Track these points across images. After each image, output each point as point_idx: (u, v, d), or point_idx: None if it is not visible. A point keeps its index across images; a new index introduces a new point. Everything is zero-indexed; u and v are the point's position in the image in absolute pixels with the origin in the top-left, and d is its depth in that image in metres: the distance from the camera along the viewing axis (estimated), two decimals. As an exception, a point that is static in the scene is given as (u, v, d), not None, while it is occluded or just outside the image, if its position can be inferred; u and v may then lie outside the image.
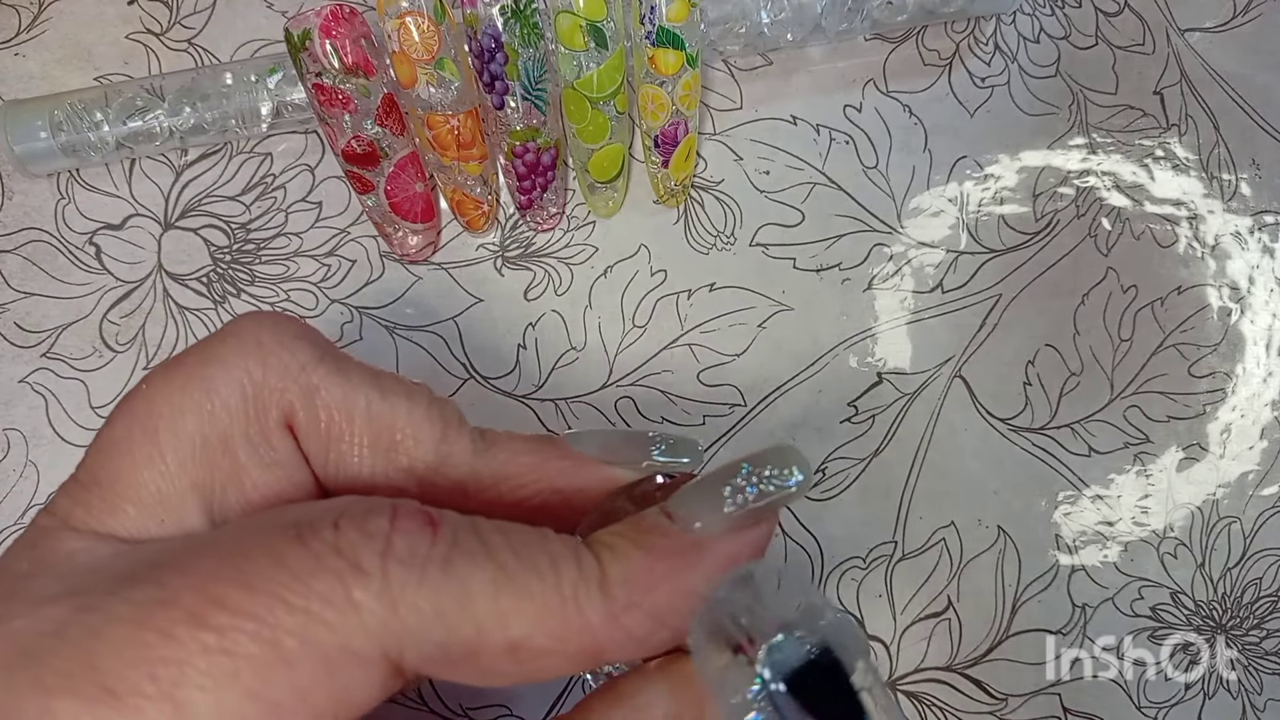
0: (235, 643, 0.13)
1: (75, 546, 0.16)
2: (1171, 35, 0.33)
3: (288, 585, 0.14)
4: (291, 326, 0.18)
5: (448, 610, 0.14)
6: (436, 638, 0.14)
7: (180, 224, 0.31)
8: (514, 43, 0.26)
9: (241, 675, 0.13)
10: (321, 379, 0.18)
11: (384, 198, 0.29)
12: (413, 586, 0.14)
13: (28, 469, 0.30)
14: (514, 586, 0.15)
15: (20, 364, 0.30)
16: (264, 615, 0.13)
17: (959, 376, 0.31)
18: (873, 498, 0.31)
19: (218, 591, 0.14)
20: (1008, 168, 0.32)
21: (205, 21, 0.32)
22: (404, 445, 0.18)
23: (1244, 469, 0.32)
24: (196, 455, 0.17)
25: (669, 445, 0.20)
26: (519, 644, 0.15)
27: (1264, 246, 0.33)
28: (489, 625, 0.14)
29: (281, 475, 0.18)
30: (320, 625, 0.14)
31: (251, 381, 0.17)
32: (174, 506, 0.17)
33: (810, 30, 0.31)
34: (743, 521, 0.16)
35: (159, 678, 0.13)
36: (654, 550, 0.16)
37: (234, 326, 0.18)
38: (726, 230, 0.31)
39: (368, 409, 0.18)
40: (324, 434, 0.18)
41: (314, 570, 0.14)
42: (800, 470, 0.17)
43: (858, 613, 0.30)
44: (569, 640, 0.15)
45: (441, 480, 0.18)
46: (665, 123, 0.29)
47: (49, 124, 0.29)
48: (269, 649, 0.13)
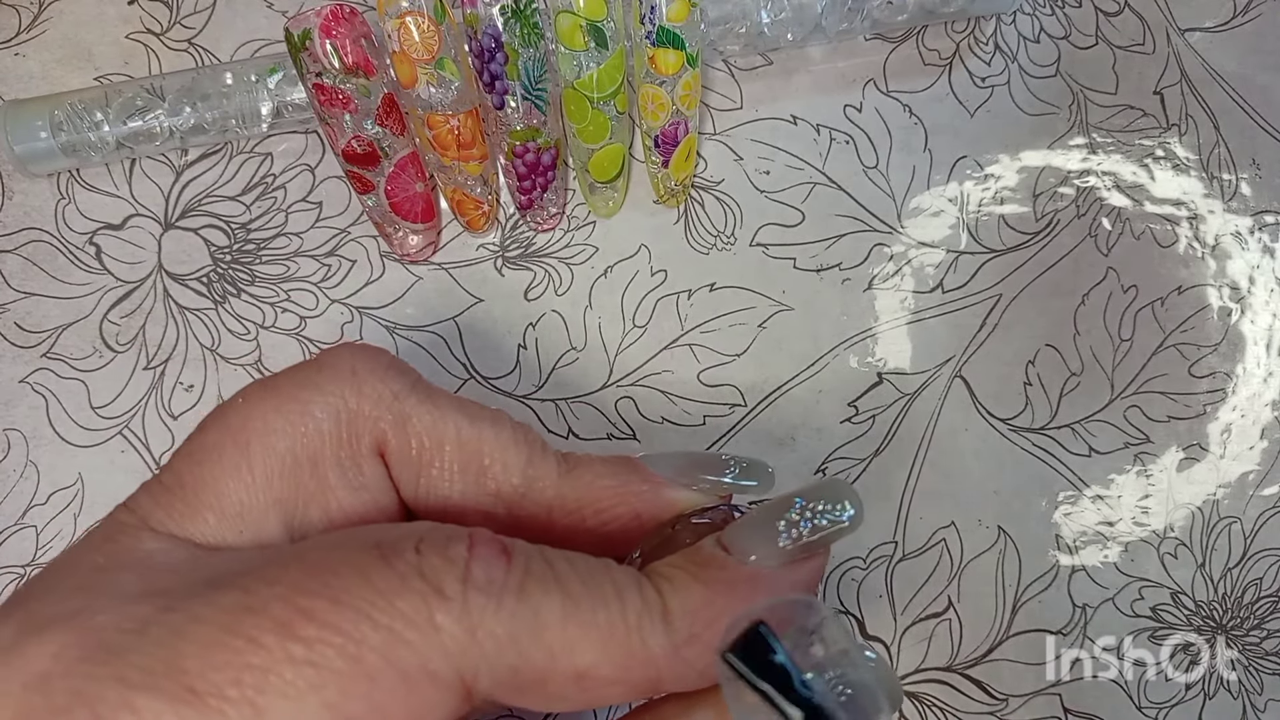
0: (321, 655, 0.14)
1: (153, 546, 0.16)
2: (1172, 35, 0.33)
3: (373, 603, 0.14)
4: (384, 358, 0.19)
5: (521, 636, 0.15)
6: (510, 663, 0.15)
7: (180, 224, 0.31)
8: (514, 43, 0.26)
9: (325, 687, 0.13)
10: (413, 408, 0.18)
11: (384, 198, 0.29)
12: (490, 613, 0.14)
13: (28, 469, 0.30)
14: (582, 615, 0.15)
15: (20, 364, 0.30)
16: (350, 630, 0.14)
17: (959, 376, 0.31)
18: (873, 498, 0.31)
19: (306, 604, 0.14)
20: (1008, 168, 0.32)
21: (205, 21, 0.32)
22: (492, 470, 0.19)
23: (1244, 469, 0.32)
24: (285, 473, 0.17)
25: (742, 469, 0.20)
26: (585, 672, 0.15)
27: (1264, 246, 0.33)
28: (559, 652, 0.15)
29: (368, 499, 0.18)
30: (402, 644, 0.14)
31: (346, 409, 0.18)
32: (254, 519, 0.17)
33: (810, 30, 0.31)
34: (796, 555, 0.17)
35: (244, 683, 0.13)
36: (713, 584, 0.16)
37: (330, 356, 0.18)
38: (727, 230, 0.31)
39: (457, 436, 0.18)
40: (415, 460, 0.18)
41: (399, 590, 0.14)
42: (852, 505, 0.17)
43: (858, 613, 0.30)
44: (633, 670, 0.15)
45: (529, 505, 0.19)
46: (665, 123, 0.29)
47: (49, 124, 0.29)
48: (353, 664, 0.14)
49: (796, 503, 0.17)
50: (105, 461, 0.30)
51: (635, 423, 0.30)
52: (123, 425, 0.30)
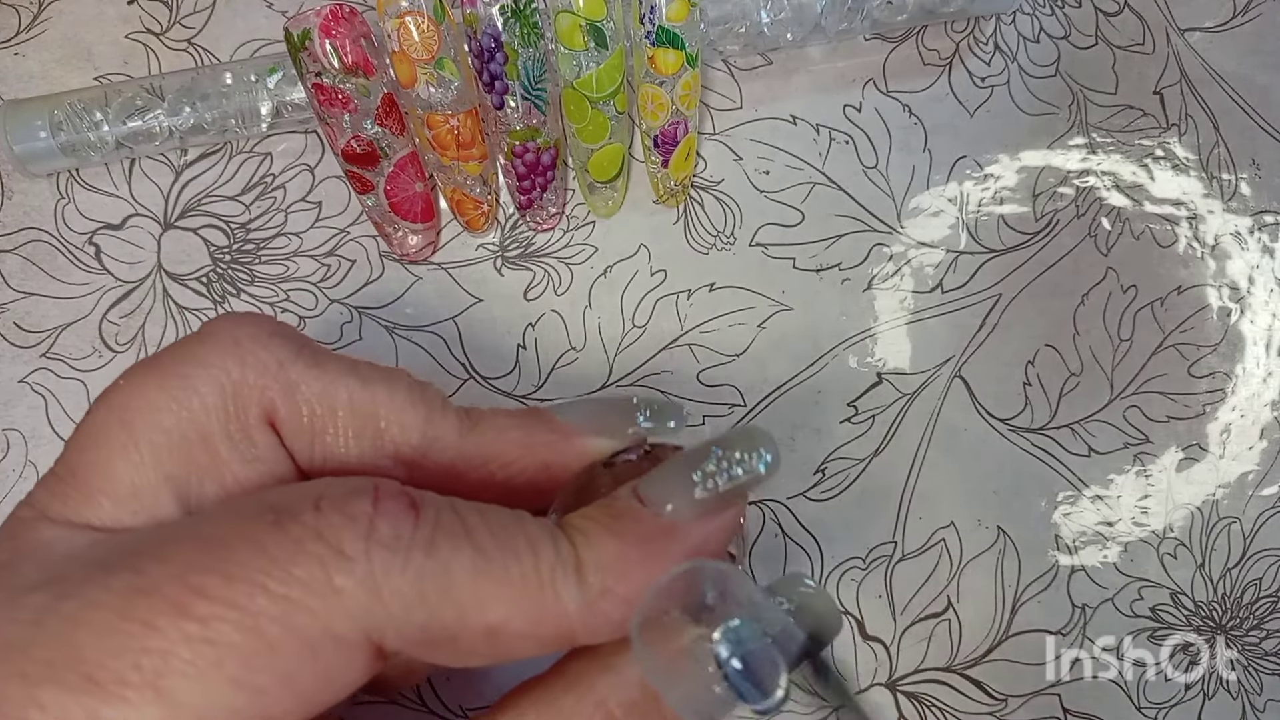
0: (218, 632, 0.13)
1: (52, 536, 0.16)
2: (1171, 35, 0.33)
3: (268, 572, 0.14)
4: (267, 324, 0.18)
5: (430, 594, 0.14)
6: (418, 620, 0.14)
7: (180, 224, 0.31)
8: (514, 42, 0.26)
9: (225, 663, 0.13)
10: (300, 374, 0.18)
11: (384, 198, 0.29)
12: (396, 571, 0.14)
13: (28, 469, 0.30)
14: (494, 570, 0.15)
15: (20, 364, 0.30)
16: (245, 604, 0.13)
17: (959, 376, 0.31)
18: (873, 498, 0.31)
19: (198, 581, 0.14)
20: (1008, 168, 0.32)
21: (205, 21, 0.32)
22: (389, 432, 0.18)
23: (1244, 469, 0.32)
24: (173, 450, 0.17)
25: (653, 410, 0.20)
26: (497, 628, 0.15)
27: (1264, 246, 0.33)
28: (469, 608, 0.15)
29: (264, 470, 0.18)
30: (303, 612, 0.14)
31: (230, 380, 0.17)
32: (148, 499, 0.17)
33: (810, 30, 0.31)
34: (714, 505, 0.17)
35: (143, 667, 0.13)
36: (627, 536, 0.16)
37: (210, 327, 0.18)
38: (726, 230, 0.31)
39: (349, 400, 0.18)
40: (308, 428, 0.18)
41: (294, 556, 0.14)
42: (768, 452, 0.17)
43: (857, 613, 0.30)
44: (545, 624, 0.15)
45: (430, 464, 0.19)
46: (665, 122, 0.29)
47: (49, 124, 0.29)
48: (252, 636, 0.13)
49: (714, 452, 0.17)
50: (105, 461, 0.30)
51: (635, 423, 0.30)
52: (122, 425, 0.30)
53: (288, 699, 0.14)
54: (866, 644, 0.30)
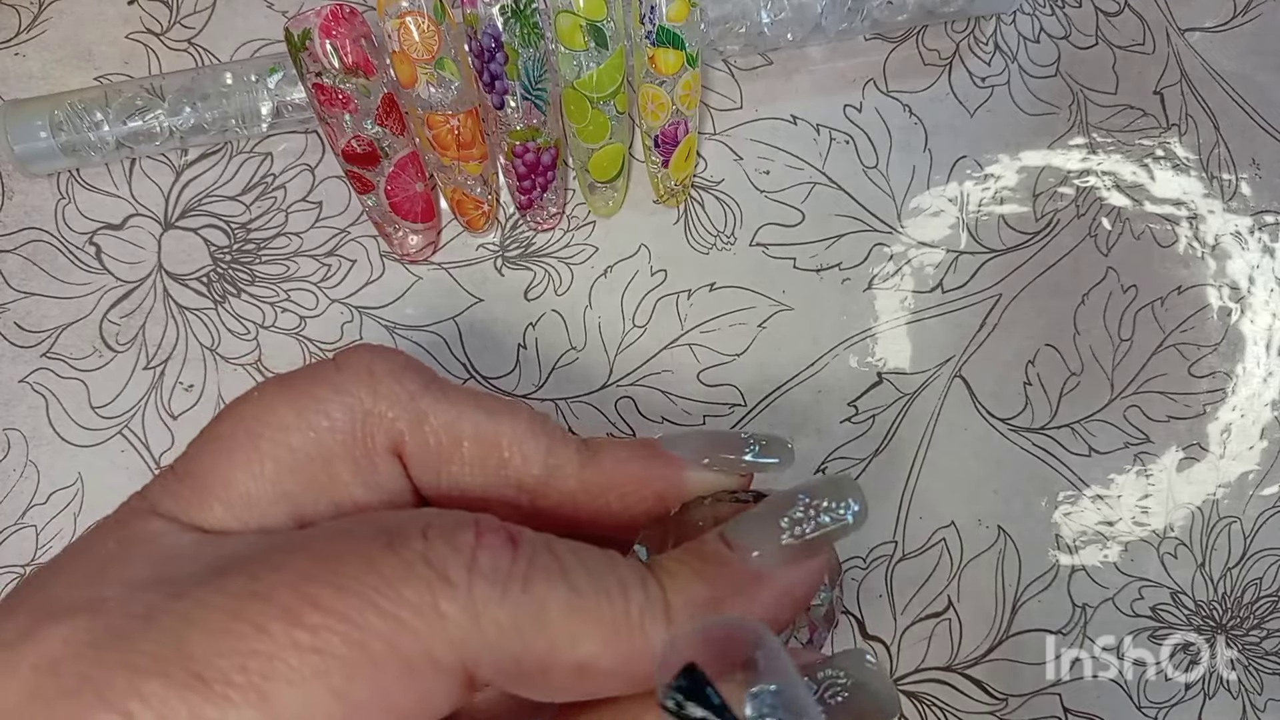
0: (326, 642, 0.14)
1: (160, 529, 0.16)
2: (1171, 35, 0.33)
3: (379, 590, 0.14)
4: (400, 358, 0.19)
5: (525, 626, 0.15)
6: (513, 651, 0.15)
7: (180, 224, 0.31)
8: (514, 42, 0.26)
9: (330, 674, 0.14)
10: (429, 405, 0.18)
11: (384, 197, 0.29)
12: (495, 602, 0.15)
13: (28, 469, 0.30)
14: (586, 608, 0.15)
15: (20, 364, 0.30)
16: (355, 617, 0.14)
17: (959, 376, 0.31)
18: (873, 498, 0.30)
19: (313, 591, 0.14)
20: (1008, 167, 0.32)
21: (205, 21, 0.32)
22: (513, 462, 0.19)
23: (1244, 469, 0.32)
24: (297, 468, 0.17)
25: (762, 446, 0.20)
26: (586, 664, 0.15)
27: (1264, 246, 0.33)
28: (561, 643, 0.15)
29: (384, 496, 0.18)
30: (407, 632, 0.14)
31: (362, 408, 0.18)
32: (261, 510, 0.17)
33: (810, 30, 0.31)
34: (800, 553, 0.17)
35: (249, 669, 0.13)
36: (715, 580, 0.16)
37: (347, 357, 0.18)
38: (726, 230, 0.31)
39: (475, 431, 0.18)
40: (434, 457, 0.18)
41: (404, 578, 0.14)
42: (856, 502, 0.17)
43: (858, 613, 0.30)
44: (633, 663, 0.15)
45: (553, 494, 0.19)
46: (665, 122, 0.29)
47: (49, 124, 0.29)
48: (358, 650, 0.14)
49: (800, 499, 0.17)
50: (105, 461, 0.30)
51: (635, 423, 0.30)
52: (122, 425, 0.30)
53: (381, 717, 0.14)
54: (867, 643, 0.30)
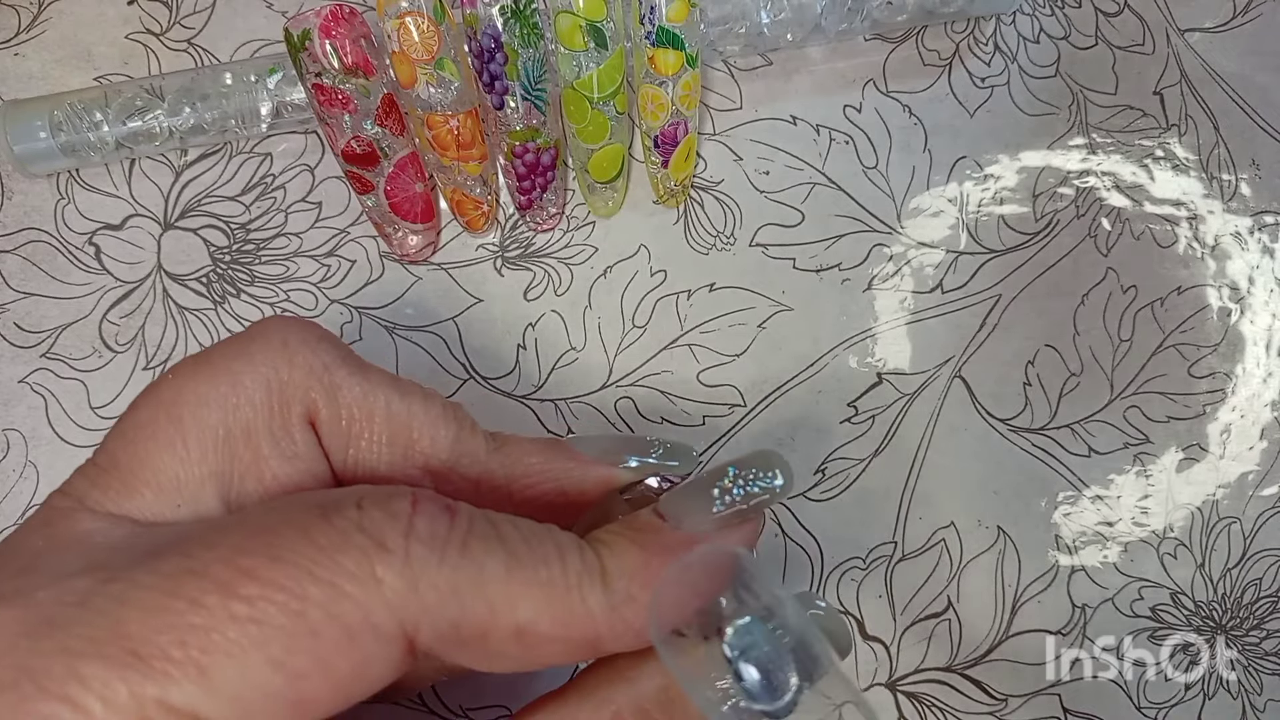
0: (264, 612, 0.14)
1: (92, 526, 0.16)
2: (1171, 35, 0.33)
3: (315, 559, 0.14)
4: (315, 330, 0.19)
5: (463, 589, 0.15)
6: (451, 615, 0.15)
7: (180, 224, 0.31)
8: (514, 43, 0.26)
9: (268, 644, 0.14)
10: (344, 379, 0.18)
11: (384, 198, 0.29)
12: (433, 565, 0.15)
13: (28, 469, 0.30)
14: (524, 572, 0.15)
15: (20, 364, 0.30)
16: (292, 586, 0.14)
17: (959, 377, 0.31)
18: (873, 498, 0.31)
19: (247, 564, 0.14)
20: (1007, 168, 0.32)
21: (205, 21, 0.32)
22: (420, 444, 0.19)
23: (1244, 469, 0.32)
24: (219, 445, 0.17)
25: (666, 449, 0.21)
26: (525, 628, 0.15)
27: (1264, 247, 0.33)
28: (500, 607, 0.15)
29: (302, 468, 0.18)
30: (345, 598, 0.14)
31: (277, 379, 0.18)
32: (191, 493, 0.17)
33: (810, 30, 0.31)
34: (730, 521, 0.18)
35: (188, 644, 0.13)
36: (649, 547, 0.17)
37: (260, 328, 0.18)
38: (726, 230, 0.31)
39: (387, 408, 0.19)
40: (345, 431, 0.19)
41: (340, 546, 0.14)
42: (782, 473, 0.18)
43: (857, 613, 0.30)
44: (572, 628, 0.16)
45: (456, 478, 0.19)
46: (665, 123, 0.29)
47: (49, 124, 0.29)
48: (296, 619, 0.14)
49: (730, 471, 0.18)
50: (105, 461, 0.30)
51: (635, 423, 0.30)
52: (122, 425, 0.30)
53: (323, 686, 0.14)
54: (866, 644, 0.30)
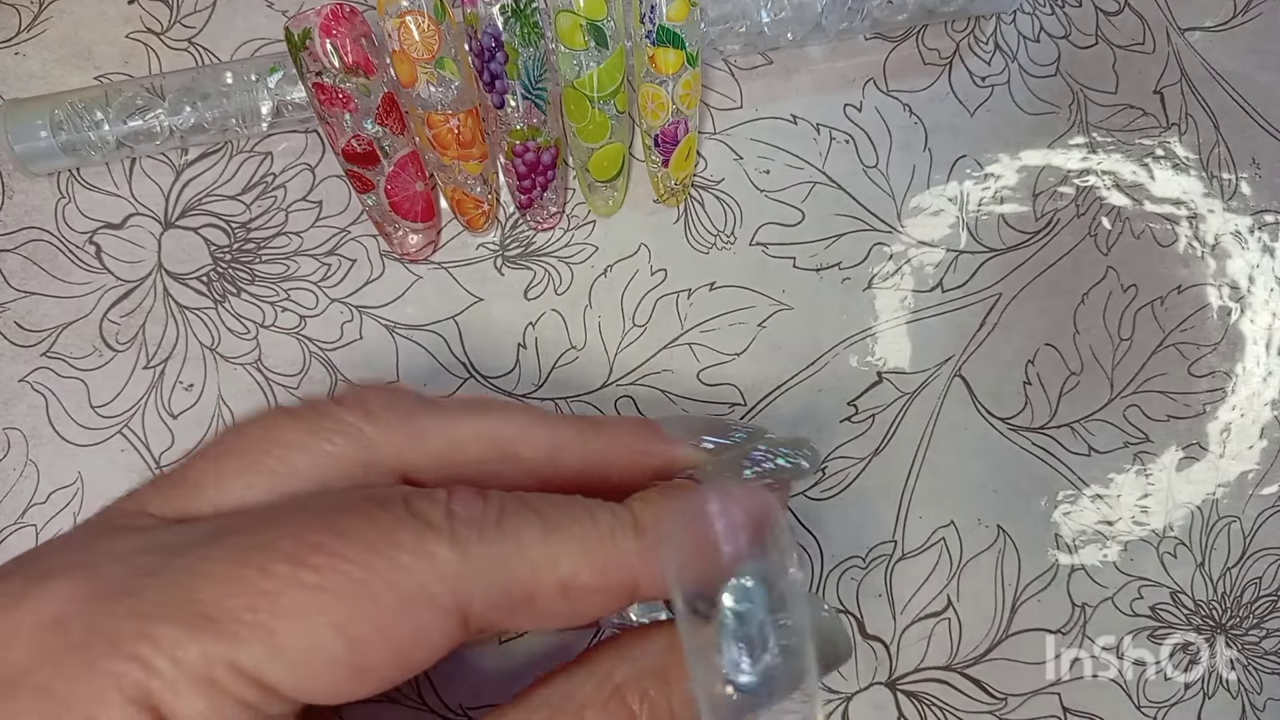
0: (330, 581, 0.15)
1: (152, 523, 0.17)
2: (1172, 34, 0.33)
3: (375, 536, 0.16)
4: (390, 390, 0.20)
5: (508, 556, 0.16)
6: (500, 581, 0.16)
7: (180, 223, 0.31)
8: (514, 42, 0.26)
9: (333, 610, 0.15)
10: (426, 422, 0.19)
11: (384, 197, 0.29)
12: (475, 540, 0.16)
13: (28, 468, 0.30)
14: (559, 532, 0.17)
15: (20, 363, 0.30)
16: (356, 558, 0.15)
17: (959, 376, 0.31)
18: (873, 497, 0.31)
19: (314, 539, 0.15)
20: (1008, 167, 0.32)
21: (205, 21, 0.32)
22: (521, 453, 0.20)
23: (1244, 468, 0.32)
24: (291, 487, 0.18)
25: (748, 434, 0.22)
26: (569, 582, 0.17)
27: (1264, 246, 0.33)
28: (542, 566, 0.17)
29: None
30: (403, 570, 0.15)
31: (364, 437, 0.19)
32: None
33: (810, 29, 0.31)
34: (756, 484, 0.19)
35: (258, 608, 0.14)
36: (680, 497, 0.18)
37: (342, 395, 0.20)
38: (726, 229, 0.31)
39: (474, 432, 0.20)
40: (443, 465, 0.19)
41: (395, 525, 0.16)
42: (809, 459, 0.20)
43: (857, 612, 0.30)
44: (610, 574, 0.17)
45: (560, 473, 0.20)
46: (665, 122, 0.29)
47: (49, 123, 0.29)
48: (359, 588, 0.15)
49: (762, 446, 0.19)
50: (105, 461, 0.30)
51: (635, 422, 0.30)
52: (122, 424, 0.30)
53: (381, 653, 0.15)
54: (866, 643, 0.30)
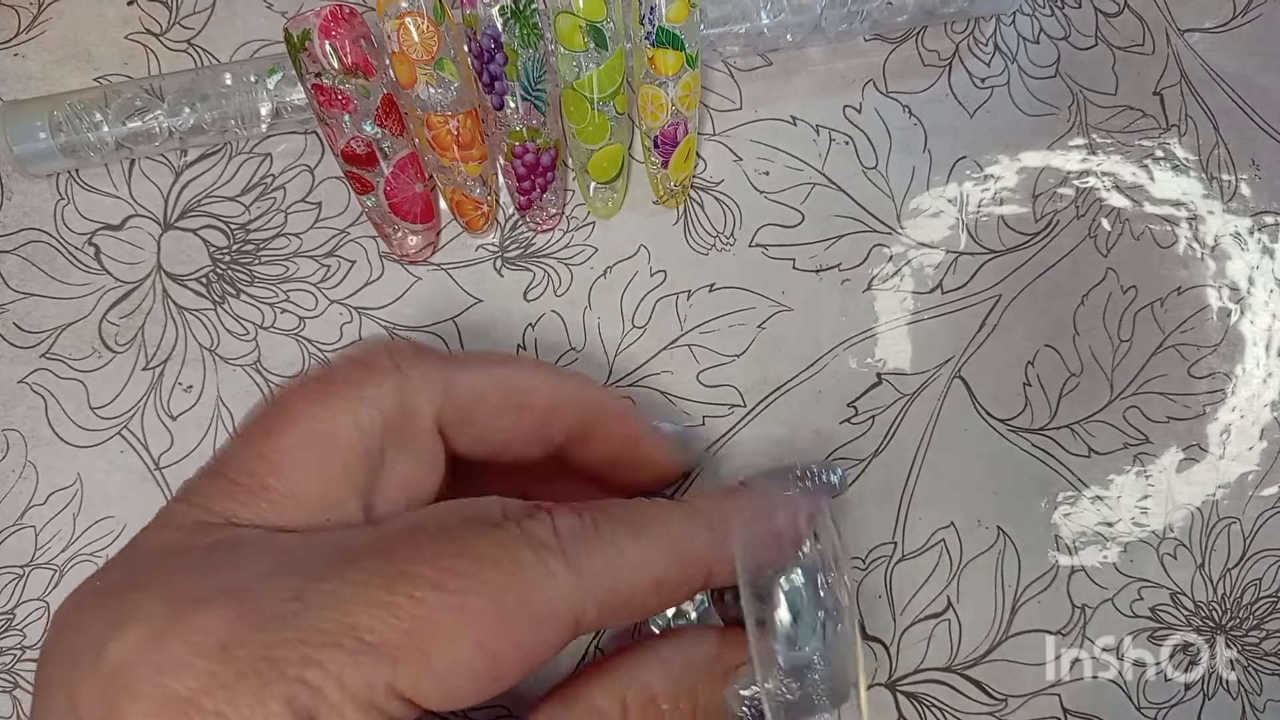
0: (470, 603, 0.16)
1: (251, 535, 0.18)
2: (1171, 36, 0.33)
3: (503, 558, 0.17)
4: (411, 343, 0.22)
5: (611, 565, 0.18)
6: (608, 587, 0.18)
7: (179, 224, 0.31)
8: (513, 43, 0.26)
9: (475, 629, 0.16)
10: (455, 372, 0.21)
11: (383, 198, 0.29)
12: (583, 554, 0.18)
13: (27, 469, 0.30)
14: (647, 536, 0.19)
15: (20, 364, 0.30)
16: (491, 578, 0.17)
17: (959, 377, 0.31)
18: (872, 498, 0.31)
19: (450, 564, 0.17)
20: (1007, 168, 0.32)
21: (205, 22, 0.32)
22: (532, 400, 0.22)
23: (1244, 469, 0.32)
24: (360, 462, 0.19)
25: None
26: (661, 580, 0.19)
27: (1264, 247, 0.33)
28: (640, 568, 0.19)
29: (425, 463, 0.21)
30: (530, 587, 0.17)
31: (399, 393, 0.20)
32: (338, 506, 0.19)
33: (810, 31, 0.31)
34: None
35: (413, 633, 0.16)
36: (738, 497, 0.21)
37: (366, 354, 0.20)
38: (726, 231, 0.31)
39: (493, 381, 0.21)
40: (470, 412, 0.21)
41: (517, 546, 0.17)
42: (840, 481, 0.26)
43: (857, 612, 0.30)
44: (690, 568, 0.19)
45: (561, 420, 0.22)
46: (665, 123, 0.29)
47: (48, 124, 0.29)
48: (495, 607, 0.16)
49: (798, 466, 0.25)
50: (104, 462, 0.30)
51: (635, 423, 0.30)
52: (122, 425, 0.30)
53: (513, 662, 0.17)
54: (866, 644, 0.30)
